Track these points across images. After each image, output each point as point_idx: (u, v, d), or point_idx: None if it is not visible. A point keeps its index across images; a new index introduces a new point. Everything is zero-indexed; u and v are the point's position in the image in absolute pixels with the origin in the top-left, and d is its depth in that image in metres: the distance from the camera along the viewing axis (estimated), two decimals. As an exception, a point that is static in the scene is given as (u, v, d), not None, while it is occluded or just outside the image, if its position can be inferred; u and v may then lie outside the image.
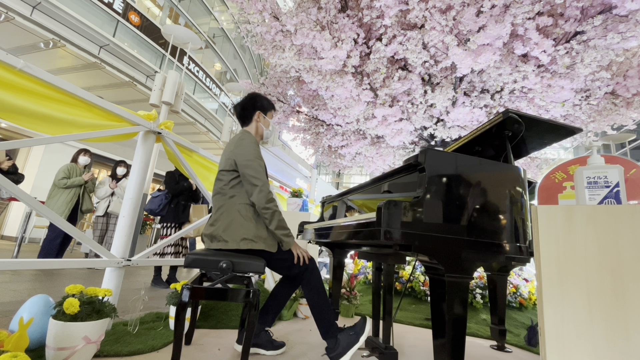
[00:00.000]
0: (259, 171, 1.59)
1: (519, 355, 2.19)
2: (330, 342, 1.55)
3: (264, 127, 1.82)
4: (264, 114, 1.81)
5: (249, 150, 1.61)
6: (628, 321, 0.80)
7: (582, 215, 0.88)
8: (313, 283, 1.62)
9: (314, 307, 1.60)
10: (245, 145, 1.63)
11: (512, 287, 3.41)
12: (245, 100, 1.83)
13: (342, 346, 1.53)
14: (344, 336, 1.55)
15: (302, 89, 4.01)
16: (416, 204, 1.10)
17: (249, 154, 1.60)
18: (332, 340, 1.55)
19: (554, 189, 2.48)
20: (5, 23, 5.37)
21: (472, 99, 3.27)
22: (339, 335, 1.56)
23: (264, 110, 1.81)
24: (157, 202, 3.40)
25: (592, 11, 2.55)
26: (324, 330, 1.58)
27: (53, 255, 3.74)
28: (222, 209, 1.60)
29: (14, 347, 1.07)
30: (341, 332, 1.58)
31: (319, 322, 1.59)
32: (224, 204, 1.61)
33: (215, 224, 1.58)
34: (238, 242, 1.52)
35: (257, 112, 1.79)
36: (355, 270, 3.22)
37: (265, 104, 1.83)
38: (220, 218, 1.58)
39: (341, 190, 3.40)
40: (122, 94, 7.71)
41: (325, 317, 1.59)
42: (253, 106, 1.80)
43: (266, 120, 1.82)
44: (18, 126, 2.20)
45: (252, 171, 1.57)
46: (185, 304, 1.35)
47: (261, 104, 1.81)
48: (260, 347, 1.68)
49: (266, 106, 1.83)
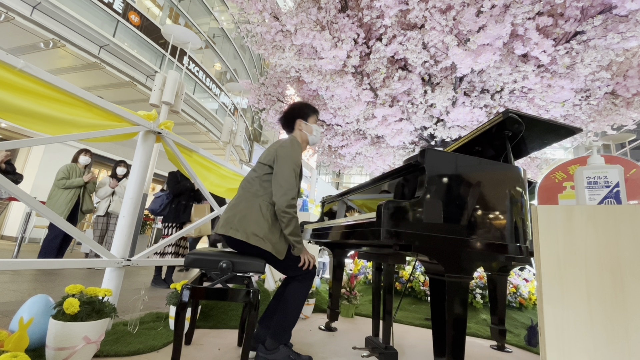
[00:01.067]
0: (291, 175, 1.59)
1: (519, 355, 2.19)
2: (271, 344, 1.52)
3: (307, 133, 1.83)
4: (304, 120, 1.83)
5: (290, 153, 1.64)
6: (628, 321, 0.80)
7: (582, 215, 0.88)
8: (304, 285, 1.62)
9: (289, 304, 1.57)
10: (288, 147, 1.66)
11: (512, 287, 3.41)
12: (286, 111, 1.87)
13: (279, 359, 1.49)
14: (285, 351, 1.52)
15: (302, 89, 4.01)
16: (416, 204, 1.10)
17: (289, 156, 1.62)
18: (274, 343, 1.52)
19: (554, 189, 2.48)
20: (5, 23, 5.37)
21: (472, 99, 3.27)
22: (282, 347, 1.53)
23: (304, 117, 1.83)
24: (159, 202, 3.42)
25: (592, 11, 2.55)
26: (280, 329, 1.55)
27: (53, 255, 3.73)
28: (246, 197, 1.62)
29: (14, 347, 1.07)
30: (286, 347, 1.54)
31: (281, 321, 1.56)
32: (249, 194, 1.62)
33: (235, 209, 1.59)
34: (248, 235, 1.51)
35: (297, 121, 1.82)
36: (355, 270, 3.22)
37: (305, 111, 1.85)
38: (241, 205, 1.60)
39: (341, 190, 3.40)
40: (122, 94, 7.71)
41: (290, 319, 1.57)
42: (292, 115, 1.84)
43: (308, 126, 1.83)
44: (18, 126, 2.19)
45: (285, 173, 1.58)
46: (185, 304, 1.35)
47: (300, 112, 1.84)
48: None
49: (306, 112, 1.84)
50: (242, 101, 10.82)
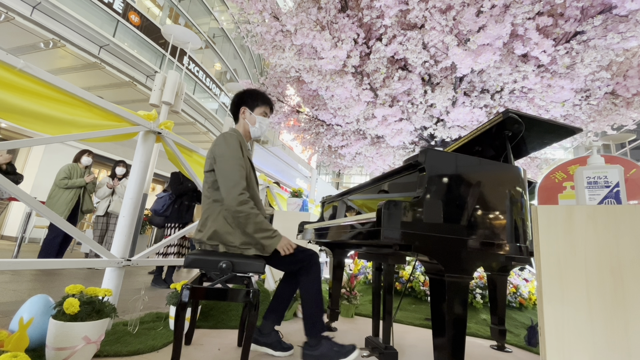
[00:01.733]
0: (232, 170, 1.47)
1: (519, 355, 2.19)
2: (312, 341, 1.50)
3: (250, 123, 1.69)
4: (250, 109, 1.70)
5: (224, 150, 1.52)
6: (628, 321, 0.80)
7: (582, 215, 0.88)
8: (312, 274, 1.55)
9: (306, 299, 1.54)
10: (221, 144, 1.55)
11: (512, 287, 3.41)
12: (235, 95, 1.74)
13: (322, 352, 1.47)
14: (328, 344, 1.49)
15: (302, 89, 4.01)
16: (416, 204, 1.10)
17: (224, 153, 1.51)
18: (315, 340, 1.50)
19: (554, 189, 2.48)
20: (5, 23, 5.37)
21: (472, 99, 3.27)
22: (324, 340, 1.50)
23: (250, 106, 1.70)
24: (161, 202, 3.45)
25: (592, 11, 2.55)
26: (310, 324, 1.51)
27: (53, 254, 3.74)
28: (207, 212, 1.55)
29: (14, 347, 1.07)
30: (327, 339, 1.52)
31: (307, 316, 1.52)
32: (208, 208, 1.55)
33: (202, 229, 1.53)
34: (227, 248, 1.49)
35: (242, 108, 1.70)
36: (355, 270, 3.22)
37: (253, 100, 1.71)
38: (206, 224, 1.52)
39: (341, 190, 3.40)
40: (122, 94, 7.72)
41: (315, 312, 1.52)
42: (238, 102, 1.71)
43: (252, 116, 1.69)
44: (18, 126, 2.20)
45: (225, 169, 1.48)
46: (185, 304, 1.35)
47: (246, 99, 1.70)
48: (269, 347, 1.65)
49: (253, 101, 1.70)
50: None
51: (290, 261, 1.57)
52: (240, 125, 1.73)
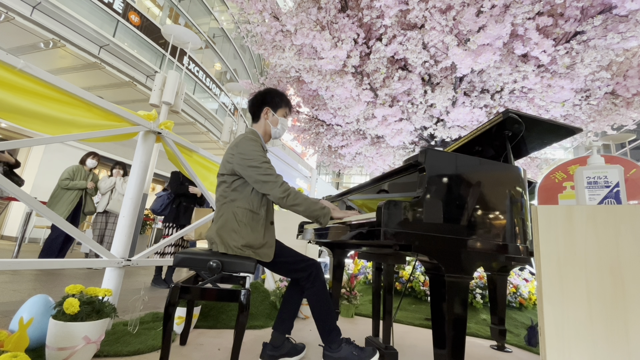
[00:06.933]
0: (266, 170, 1.48)
1: (519, 355, 2.19)
2: (334, 345, 1.51)
3: (272, 125, 1.68)
4: (273, 110, 1.67)
5: (248, 149, 1.51)
6: (628, 321, 0.80)
7: (582, 215, 0.88)
8: (317, 286, 1.55)
9: (317, 311, 1.54)
10: (244, 145, 1.53)
11: (512, 287, 3.41)
12: (255, 95, 1.72)
13: (342, 356, 1.48)
14: (348, 348, 1.50)
15: (302, 89, 4.01)
16: (416, 204, 1.10)
17: (249, 153, 1.50)
18: (335, 343, 1.51)
19: (554, 189, 2.48)
20: (5, 23, 5.37)
21: (472, 99, 3.27)
22: (344, 344, 1.51)
23: (274, 107, 1.68)
24: (160, 202, 3.45)
25: (592, 11, 2.55)
26: (326, 333, 1.53)
27: (54, 255, 3.75)
28: (221, 210, 1.55)
29: (14, 347, 1.07)
30: (347, 342, 1.53)
31: (321, 326, 1.53)
32: (223, 206, 1.55)
33: (214, 226, 1.54)
34: (226, 247, 1.47)
35: (265, 108, 1.67)
36: (355, 270, 3.22)
37: (276, 100, 1.69)
38: (218, 221, 1.53)
39: (341, 190, 3.40)
40: (122, 94, 7.72)
41: (328, 321, 1.53)
42: (261, 101, 1.68)
43: (275, 117, 1.67)
44: (18, 126, 2.20)
45: (259, 169, 1.48)
46: (174, 304, 1.33)
47: (271, 100, 1.68)
48: (287, 356, 1.64)
49: (277, 102, 1.69)
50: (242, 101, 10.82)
51: (291, 269, 1.57)
52: (260, 125, 1.69)
